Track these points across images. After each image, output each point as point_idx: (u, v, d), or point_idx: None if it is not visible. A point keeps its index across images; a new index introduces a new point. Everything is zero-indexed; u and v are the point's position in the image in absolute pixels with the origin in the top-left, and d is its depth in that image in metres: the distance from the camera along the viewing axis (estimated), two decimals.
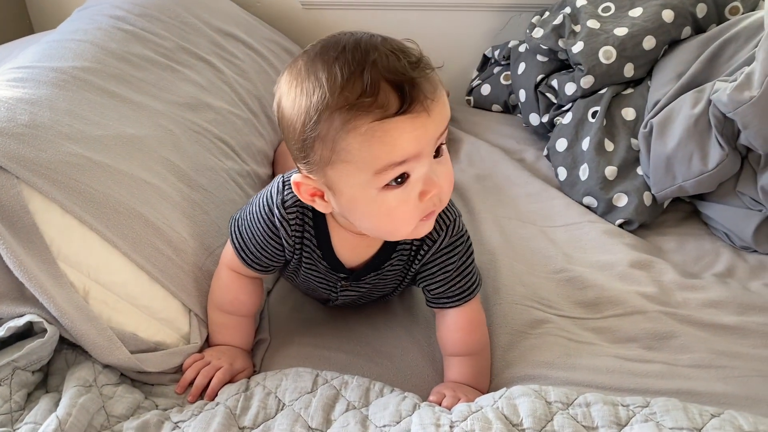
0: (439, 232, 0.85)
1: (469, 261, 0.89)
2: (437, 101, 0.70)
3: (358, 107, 0.67)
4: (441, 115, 0.71)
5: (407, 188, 0.73)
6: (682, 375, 0.88)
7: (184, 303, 0.93)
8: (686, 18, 1.29)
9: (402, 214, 0.74)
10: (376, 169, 0.70)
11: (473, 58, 1.70)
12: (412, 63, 0.69)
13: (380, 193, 0.73)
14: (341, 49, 0.70)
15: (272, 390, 0.84)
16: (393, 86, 0.67)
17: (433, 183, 0.73)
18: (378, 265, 0.89)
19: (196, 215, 1.00)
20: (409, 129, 0.69)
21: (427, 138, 0.70)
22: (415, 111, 0.68)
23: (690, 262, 1.13)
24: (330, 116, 0.69)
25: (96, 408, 0.79)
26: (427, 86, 0.69)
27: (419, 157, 0.71)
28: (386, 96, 0.67)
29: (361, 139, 0.69)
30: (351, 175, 0.72)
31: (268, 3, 1.68)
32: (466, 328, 0.89)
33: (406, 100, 0.67)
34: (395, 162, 0.70)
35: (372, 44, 0.70)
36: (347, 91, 0.68)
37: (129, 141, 0.98)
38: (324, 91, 0.69)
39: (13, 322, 0.81)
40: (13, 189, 0.83)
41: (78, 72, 1.04)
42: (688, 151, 1.12)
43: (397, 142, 0.69)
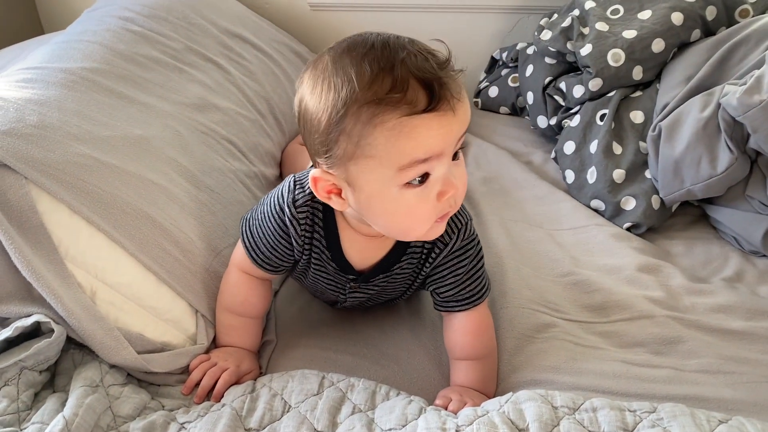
0: (450, 235, 0.86)
1: (479, 265, 0.89)
2: (462, 102, 0.72)
3: (386, 102, 0.68)
4: (465, 116, 0.73)
5: (427, 188, 0.74)
6: (689, 380, 0.87)
7: (190, 303, 0.93)
8: (696, 21, 1.28)
9: (420, 213, 0.75)
10: (400, 165, 0.71)
11: (481, 59, 1.69)
12: (440, 63, 0.71)
13: (401, 190, 0.73)
14: (370, 47, 0.71)
15: (278, 392, 0.84)
16: (422, 84, 0.68)
17: (452, 184, 0.74)
18: (387, 267, 0.89)
19: (203, 216, 1.00)
20: (435, 126, 0.70)
21: (452, 137, 0.72)
22: (443, 109, 0.69)
23: (698, 267, 1.12)
24: (358, 110, 0.70)
25: (102, 408, 0.80)
26: (453, 86, 0.70)
27: (441, 157, 0.72)
28: (415, 93, 0.68)
29: (388, 134, 0.70)
30: (373, 170, 0.73)
31: (276, 4, 1.68)
32: (474, 332, 0.89)
33: (434, 98, 0.68)
34: (420, 159, 0.71)
35: (400, 44, 0.72)
36: (377, 86, 0.69)
37: (136, 142, 0.98)
38: (353, 85, 0.70)
39: (21, 321, 0.81)
40: (22, 189, 0.83)
41: (87, 73, 1.04)
42: (697, 155, 1.11)
43: (423, 139, 0.70)
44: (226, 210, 1.04)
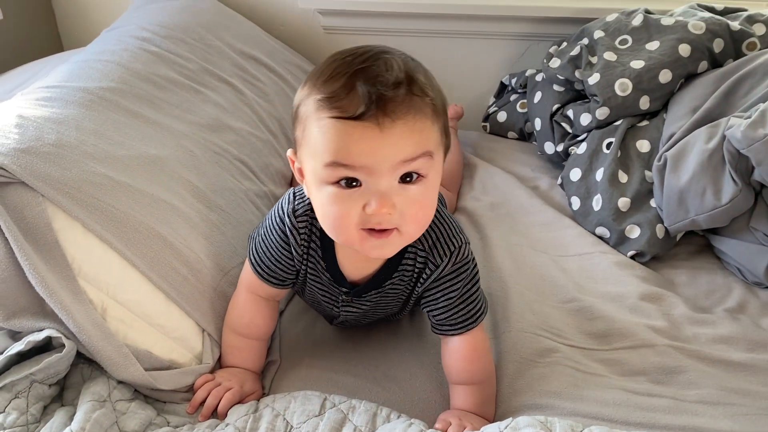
0: (442, 257, 0.85)
1: (473, 289, 0.88)
2: (401, 124, 0.71)
3: (328, 101, 0.72)
4: (401, 140, 0.71)
5: (354, 194, 0.74)
6: (689, 411, 0.87)
7: (197, 323, 0.95)
8: (703, 52, 1.30)
9: (341, 215, 0.75)
10: (324, 162, 0.73)
11: (490, 84, 1.72)
12: (397, 81, 0.71)
13: (329, 186, 0.75)
14: (356, 52, 0.75)
15: (281, 412, 0.85)
16: (363, 94, 0.70)
17: (383, 202, 0.73)
18: (379, 282, 0.90)
19: (212, 236, 1.02)
20: (357, 137, 0.71)
21: (378, 155, 0.71)
22: (369, 122, 0.70)
23: (701, 297, 1.13)
24: (309, 101, 0.75)
25: (109, 423, 0.81)
26: (397, 106, 0.70)
27: (371, 172, 0.72)
28: (353, 100, 0.70)
29: (320, 130, 0.73)
30: (310, 160, 0.76)
31: (290, 27, 1.71)
32: (469, 357, 0.89)
33: (359, 109, 0.70)
34: (340, 162, 0.72)
35: (383, 56, 0.74)
36: (329, 85, 0.72)
37: (151, 161, 1.00)
38: (315, 80, 0.75)
39: (33, 336, 0.83)
40: (38, 207, 0.85)
41: (104, 92, 1.07)
42: (702, 186, 1.12)
43: (343, 144, 0.71)
44: (235, 230, 1.06)
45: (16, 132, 0.90)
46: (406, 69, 0.73)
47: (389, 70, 0.72)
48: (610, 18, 1.43)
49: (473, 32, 1.67)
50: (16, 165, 0.85)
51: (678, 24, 1.33)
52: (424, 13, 1.63)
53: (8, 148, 0.87)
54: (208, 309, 0.97)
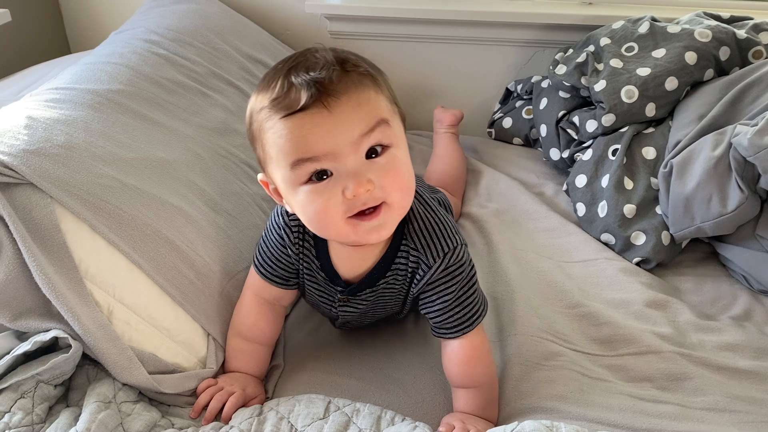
0: (435, 259, 0.85)
1: (470, 292, 0.87)
2: (345, 99, 0.72)
3: (272, 106, 0.74)
4: (352, 114, 0.72)
5: (328, 184, 0.74)
6: (695, 417, 0.87)
7: (203, 327, 0.95)
8: (709, 60, 1.30)
9: (326, 210, 0.75)
10: (289, 163, 0.74)
11: (495, 90, 1.72)
12: (328, 63, 0.73)
13: (302, 188, 0.75)
14: (283, 60, 0.78)
15: (285, 415, 0.85)
16: (301, 84, 0.72)
17: (359, 181, 0.73)
18: (374, 281, 0.90)
19: (219, 239, 1.02)
20: (308, 126, 0.72)
21: (336, 136, 0.72)
22: (315, 107, 0.71)
23: (707, 304, 1.13)
24: (257, 116, 0.77)
25: (114, 424, 0.81)
26: (335, 84, 0.71)
27: (336, 156, 0.72)
28: (292, 95, 0.72)
29: (274, 136, 0.74)
30: (277, 171, 0.77)
31: (296, 32, 1.72)
32: (468, 361, 0.88)
33: (305, 97, 0.71)
34: (303, 158, 0.73)
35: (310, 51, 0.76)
36: (268, 92, 0.75)
37: (159, 164, 1.01)
38: (255, 94, 0.78)
39: (40, 336, 0.83)
40: (47, 208, 0.86)
41: (113, 95, 1.07)
42: (708, 193, 1.12)
43: (299, 139, 0.72)
44: (242, 234, 1.06)
45: (26, 133, 0.91)
46: (335, 54, 0.75)
47: (318, 59, 0.74)
48: (617, 25, 1.44)
49: (479, 38, 1.67)
50: (25, 166, 0.85)
51: (684, 32, 1.33)
52: (429, 19, 1.64)
53: (17, 149, 0.87)
54: (213, 313, 0.97)
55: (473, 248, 1.23)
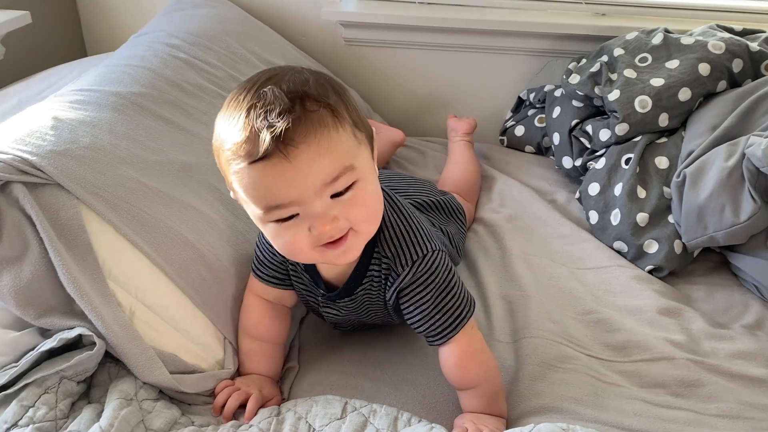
0: (404, 266, 0.85)
1: (448, 297, 0.86)
2: (305, 148, 0.70)
3: (233, 151, 0.72)
4: (312, 165, 0.71)
5: (295, 222, 0.75)
6: (709, 424, 0.88)
7: (220, 330, 0.97)
8: (722, 72, 1.31)
9: (293, 243, 0.77)
10: (257, 209, 0.75)
11: (508, 99, 1.73)
12: (287, 106, 0.70)
13: (272, 224, 0.76)
14: (248, 89, 0.74)
15: (303, 415, 0.86)
16: (259, 131, 0.70)
17: (323, 221, 0.74)
18: (351, 290, 0.91)
19: (238, 243, 1.03)
20: (270, 176, 0.71)
21: (298, 186, 0.72)
22: (274, 157, 0.70)
23: (719, 312, 1.14)
24: (220, 155, 0.76)
25: (136, 421, 0.83)
26: (292, 132, 0.69)
27: (301, 203, 0.73)
28: (252, 141, 0.70)
29: (240, 182, 0.74)
30: (247, 206, 0.78)
31: (311, 38, 1.74)
32: (460, 364, 0.88)
33: (264, 147, 0.69)
34: (270, 206, 0.73)
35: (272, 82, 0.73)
36: (230, 134, 0.73)
37: (181, 168, 1.02)
38: (220, 130, 0.76)
39: (65, 333, 0.85)
40: (73, 209, 0.87)
41: (136, 97, 1.09)
42: (721, 203, 1.13)
43: (264, 189, 0.72)
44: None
45: (52, 134, 0.93)
46: (294, 87, 0.72)
47: (277, 99, 0.71)
48: (630, 36, 1.45)
49: (492, 47, 1.69)
50: (52, 167, 0.87)
51: (698, 43, 1.35)
52: (444, 27, 1.65)
53: (45, 150, 0.89)
54: (228, 317, 0.98)
55: (486, 252, 1.24)
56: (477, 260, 1.21)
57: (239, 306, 1.00)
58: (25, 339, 0.86)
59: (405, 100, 1.80)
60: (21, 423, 0.78)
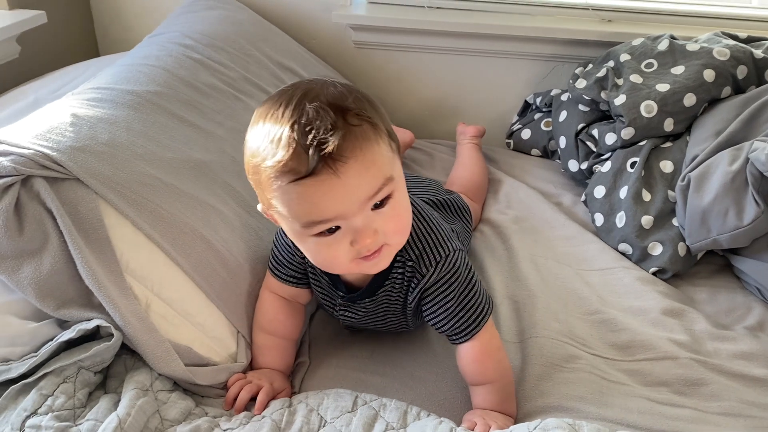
0: (428, 267, 0.88)
1: (470, 295, 0.89)
2: (353, 162, 0.72)
3: (277, 168, 0.73)
4: (360, 179, 0.73)
5: (338, 236, 0.77)
6: (711, 422, 0.90)
7: (233, 324, 0.98)
8: (727, 78, 1.33)
9: (334, 256, 0.79)
10: (300, 224, 0.76)
11: (515, 103, 1.75)
12: (333, 122, 0.71)
13: (312, 238, 0.78)
14: (285, 103, 0.75)
15: (314, 407, 0.88)
16: (304, 148, 0.71)
17: (365, 235, 0.76)
18: (373, 291, 0.93)
19: (251, 240, 1.05)
20: (319, 193, 0.72)
21: (346, 201, 0.73)
22: (324, 174, 0.71)
23: (722, 314, 1.15)
24: (260, 171, 0.76)
25: (152, 411, 0.84)
26: (339, 147, 0.71)
27: (345, 216, 0.75)
28: (297, 158, 0.71)
29: (282, 198, 0.75)
30: (284, 221, 0.79)
31: (321, 40, 1.76)
32: (479, 359, 0.91)
33: (310, 164, 0.70)
34: (314, 221, 0.75)
35: (309, 97, 0.74)
36: (269, 151, 0.73)
37: (196, 165, 1.04)
38: (255, 146, 0.76)
39: (83, 324, 0.86)
40: (92, 203, 0.89)
41: (152, 96, 1.11)
42: (724, 206, 1.15)
43: (310, 204, 0.74)
44: (272, 236, 1.09)
45: (72, 130, 0.95)
46: (333, 102, 0.74)
47: (320, 114, 0.72)
48: (636, 42, 1.47)
49: (500, 52, 1.71)
50: (72, 162, 0.89)
51: (703, 50, 1.37)
52: (452, 32, 1.68)
53: (65, 145, 0.91)
54: (242, 312, 1.00)
55: (493, 253, 1.26)
56: (484, 260, 1.23)
57: (252, 301, 1.02)
58: (44, 330, 0.88)
59: (413, 104, 1.82)
60: (40, 411, 0.80)
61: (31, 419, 0.79)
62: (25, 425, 0.79)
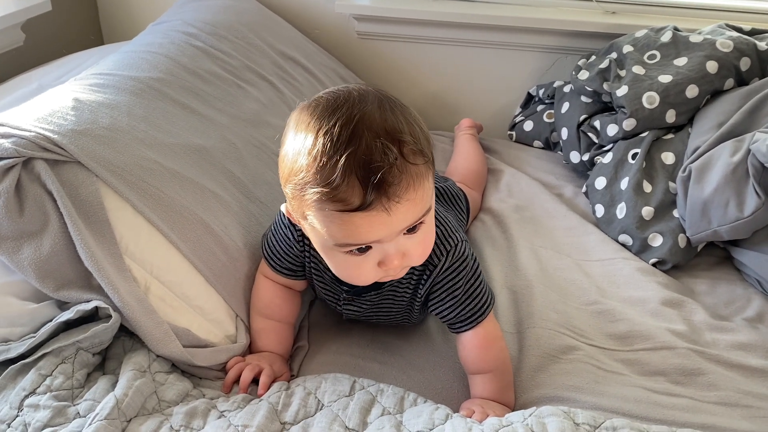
0: (439, 257, 0.90)
1: (476, 283, 0.92)
2: (405, 201, 0.72)
3: (327, 194, 0.71)
4: (407, 213, 0.74)
5: (368, 256, 0.79)
6: (707, 411, 0.90)
7: (232, 307, 0.99)
8: (730, 70, 1.33)
9: (361, 273, 0.81)
10: (335, 243, 0.77)
11: (518, 94, 1.75)
12: (392, 158, 0.70)
13: (341, 254, 0.79)
14: (340, 124, 0.71)
15: (312, 391, 0.89)
16: (360, 182, 0.70)
17: (393, 258, 0.78)
18: (379, 284, 0.93)
19: (251, 225, 1.06)
20: (366, 225, 0.74)
21: (388, 231, 0.75)
22: (375, 210, 0.72)
23: (721, 305, 1.15)
24: (303, 186, 0.74)
25: (149, 392, 0.85)
26: (396, 186, 0.71)
27: (381, 242, 0.77)
28: (351, 190, 0.71)
29: (323, 219, 0.75)
30: (315, 234, 0.80)
31: (325, 31, 1.76)
32: (482, 346, 0.92)
33: (366, 200, 0.70)
34: (351, 243, 0.76)
35: (366, 123, 0.71)
36: (321, 174, 0.71)
37: (196, 151, 1.05)
38: (304, 162, 0.73)
39: (82, 306, 0.87)
40: (92, 186, 0.90)
41: (153, 82, 1.12)
42: (725, 198, 1.15)
43: (353, 231, 0.75)
44: (271, 221, 1.10)
45: (73, 114, 0.96)
46: (392, 134, 0.72)
47: (380, 150, 0.70)
48: (639, 34, 1.47)
49: (503, 43, 1.71)
50: (73, 145, 0.90)
51: (706, 42, 1.36)
52: (456, 23, 1.67)
53: (66, 129, 0.92)
54: (241, 295, 1.01)
55: (493, 242, 1.26)
56: (483, 250, 1.23)
57: (251, 285, 1.02)
58: (43, 311, 0.88)
59: (416, 95, 1.82)
60: (39, 391, 0.81)
61: (29, 398, 0.80)
62: (23, 404, 0.80)
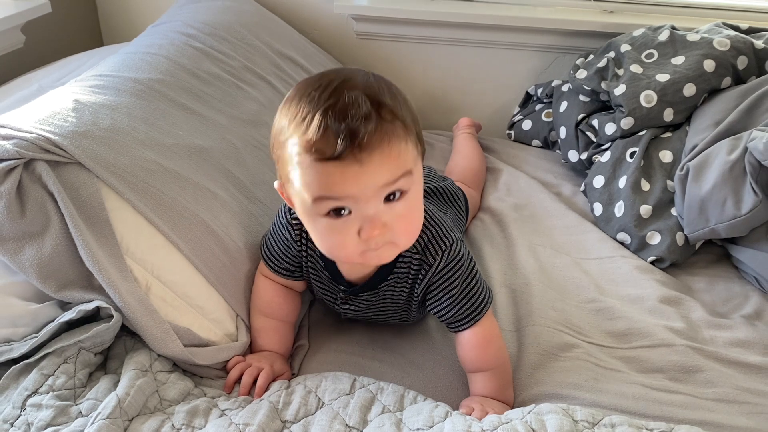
0: (434, 257, 0.90)
1: (473, 282, 0.92)
2: (377, 154, 0.74)
3: (303, 144, 0.75)
4: (380, 167, 0.75)
5: (346, 222, 0.79)
6: (705, 407, 0.91)
7: (232, 307, 0.99)
8: (727, 69, 1.33)
9: (340, 243, 0.81)
10: (312, 197, 0.78)
11: (516, 94, 1.75)
12: (366, 113, 0.74)
13: (320, 218, 0.80)
14: (323, 87, 0.77)
15: (312, 389, 0.89)
16: (334, 132, 0.73)
17: (373, 225, 0.78)
18: (375, 284, 0.94)
19: (251, 225, 1.06)
20: (338, 174, 0.75)
21: (362, 186, 0.76)
22: (347, 160, 0.74)
23: (719, 303, 1.15)
24: (285, 144, 0.79)
25: (151, 391, 0.86)
26: (371, 139, 0.73)
27: (357, 200, 0.77)
28: (326, 140, 0.74)
29: (301, 171, 0.77)
30: (297, 196, 0.81)
31: (323, 31, 1.77)
32: (481, 344, 0.93)
33: (339, 149, 0.73)
34: (327, 196, 0.77)
35: (346, 87, 0.76)
36: (301, 128, 0.76)
37: (197, 151, 1.05)
38: (286, 123, 0.78)
39: (84, 306, 0.88)
40: (93, 187, 0.90)
41: (153, 84, 1.12)
42: (723, 195, 1.15)
43: (327, 182, 0.76)
44: (271, 221, 1.11)
45: (74, 116, 0.96)
46: (371, 95, 0.76)
47: (356, 103, 0.74)
48: (637, 33, 1.48)
49: (502, 42, 1.71)
50: (74, 146, 0.90)
51: (703, 40, 1.37)
52: (454, 23, 1.68)
53: (67, 130, 0.92)
54: (241, 295, 1.01)
55: (492, 241, 1.27)
56: (482, 248, 1.24)
57: (251, 285, 1.03)
58: (45, 311, 0.89)
59: (414, 94, 1.82)
60: (41, 390, 0.82)
61: (32, 398, 0.81)
62: (26, 404, 0.80)
